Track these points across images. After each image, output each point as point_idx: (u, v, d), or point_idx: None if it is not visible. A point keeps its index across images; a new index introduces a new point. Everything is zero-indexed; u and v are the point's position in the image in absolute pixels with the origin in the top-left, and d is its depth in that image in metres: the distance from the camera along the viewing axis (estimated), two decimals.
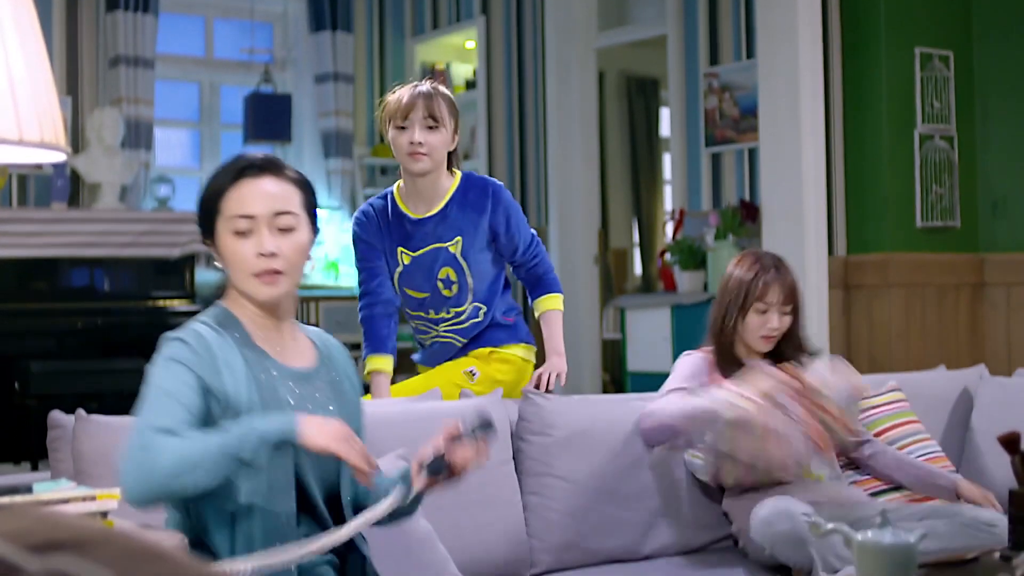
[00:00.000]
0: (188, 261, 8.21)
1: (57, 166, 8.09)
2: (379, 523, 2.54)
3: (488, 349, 3.83)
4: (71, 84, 8.53)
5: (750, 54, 7.39)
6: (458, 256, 3.73)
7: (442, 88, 3.77)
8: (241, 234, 2.49)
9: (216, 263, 2.55)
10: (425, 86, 3.74)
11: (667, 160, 10.29)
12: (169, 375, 2.37)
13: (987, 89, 7.15)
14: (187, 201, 9.42)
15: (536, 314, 3.91)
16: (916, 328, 6.89)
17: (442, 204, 3.77)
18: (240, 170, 2.52)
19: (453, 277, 3.75)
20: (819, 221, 6.74)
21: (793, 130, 6.71)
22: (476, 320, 3.81)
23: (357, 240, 3.83)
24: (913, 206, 6.94)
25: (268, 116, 9.42)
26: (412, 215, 3.79)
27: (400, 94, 3.73)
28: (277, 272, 2.49)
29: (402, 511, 2.58)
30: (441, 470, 2.43)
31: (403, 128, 3.69)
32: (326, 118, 9.79)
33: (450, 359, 3.86)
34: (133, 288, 8.22)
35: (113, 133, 8.36)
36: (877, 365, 6.69)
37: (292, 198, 2.54)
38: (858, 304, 6.93)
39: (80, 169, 8.32)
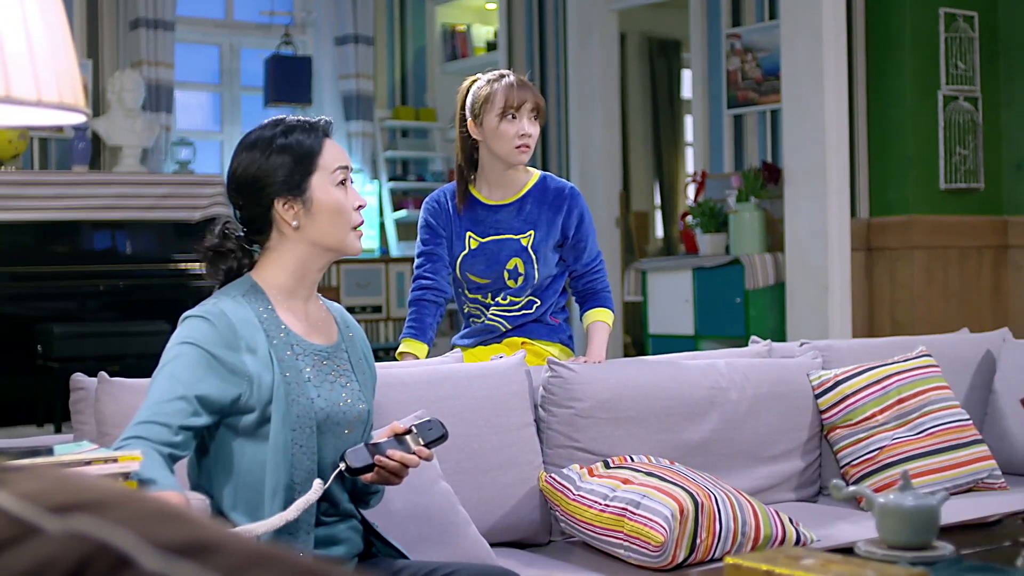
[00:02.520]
0: (209, 224, 8.18)
1: (78, 129, 8.11)
2: (360, 506, 2.61)
3: (521, 339, 3.82)
4: (92, 47, 8.54)
5: (773, 15, 7.35)
6: (529, 248, 3.75)
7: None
8: (343, 186, 2.54)
9: (292, 222, 2.50)
10: (512, 77, 3.74)
11: (689, 122, 10.25)
12: (182, 361, 2.35)
13: (1012, 50, 7.10)
14: (207, 164, 9.43)
15: (584, 325, 3.88)
16: (938, 290, 6.86)
17: (519, 194, 3.79)
18: (326, 128, 2.57)
19: (521, 269, 3.76)
20: (842, 183, 6.71)
21: (816, 92, 6.67)
22: (527, 312, 3.82)
23: (425, 225, 3.84)
24: (937, 168, 6.91)
25: (288, 78, 9.42)
26: (485, 200, 3.81)
27: (505, 85, 3.70)
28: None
29: (361, 498, 2.61)
30: (357, 465, 2.41)
31: (512, 118, 3.68)
32: (346, 80, 9.78)
33: (487, 343, 3.85)
34: (154, 251, 8.24)
35: (134, 96, 8.36)
36: (899, 328, 6.67)
37: None
38: (880, 266, 6.91)
39: (101, 132, 8.34)
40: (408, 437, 2.47)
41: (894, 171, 6.92)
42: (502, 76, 3.75)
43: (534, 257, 3.76)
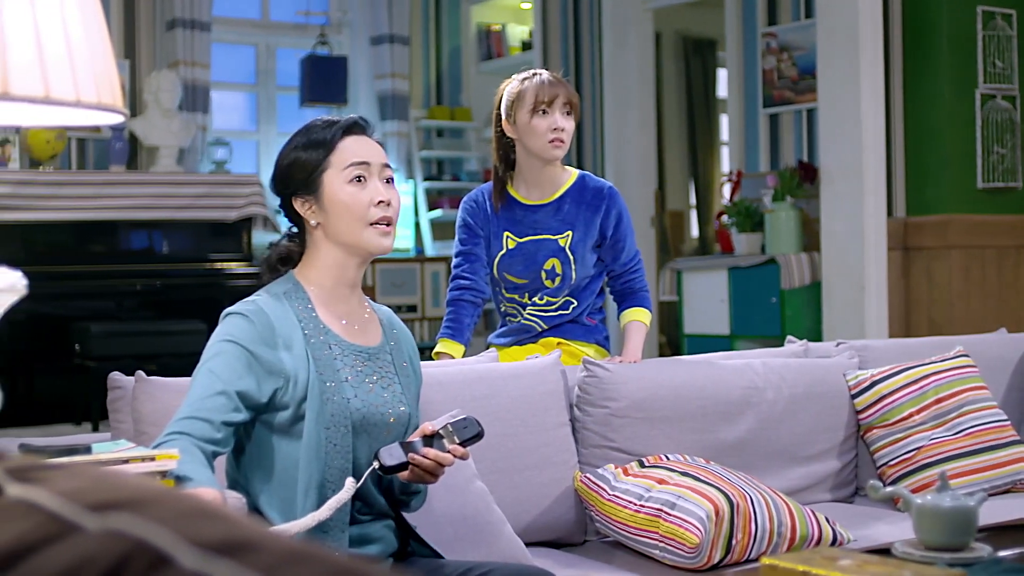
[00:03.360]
0: (245, 223, 8.26)
1: (115, 129, 8.15)
2: (402, 509, 2.60)
3: (557, 340, 3.82)
4: (129, 47, 8.58)
5: (809, 14, 7.32)
6: (567, 249, 3.75)
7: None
8: (357, 182, 2.50)
9: (311, 221, 2.51)
10: (545, 74, 3.75)
11: (724, 121, 10.21)
12: (222, 358, 2.36)
13: None
14: (244, 164, 9.47)
15: (621, 324, 3.88)
16: (976, 290, 6.82)
17: (557, 194, 3.78)
18: (348, 126, 2.54)
19: (559, 269, 3.75)
20: (878, 182, 6.68)
21: (852, 90, 6.64)
22: (564, 312, 3.82)
23: (463, 224, 3.84)
24: (974, 167, 6.86)
25: (324, 78, 9.44)
26: (523, 200, 3.80)
27: (536, 82, 3.72)
28: (390, 222, 2.52)
29: (404, 500, 2.61)
30: (390, 463, 2.38)
31: (545, 113, 3.68)
32: (382, 80, 9.80)
33: (523, 343, 3.86)
34: (190, 250, 8.28)
35: (170, 96, 8.40)
36: (936, 327, 6.64)
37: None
38: (917, 266, 6.87)
39: (138, 132, 8.38)
40: (443, 435, 2.45)
41: (931, 170, 6.88)
42: (535, 74, 3.77)
43: (572, 258, 3.75)
